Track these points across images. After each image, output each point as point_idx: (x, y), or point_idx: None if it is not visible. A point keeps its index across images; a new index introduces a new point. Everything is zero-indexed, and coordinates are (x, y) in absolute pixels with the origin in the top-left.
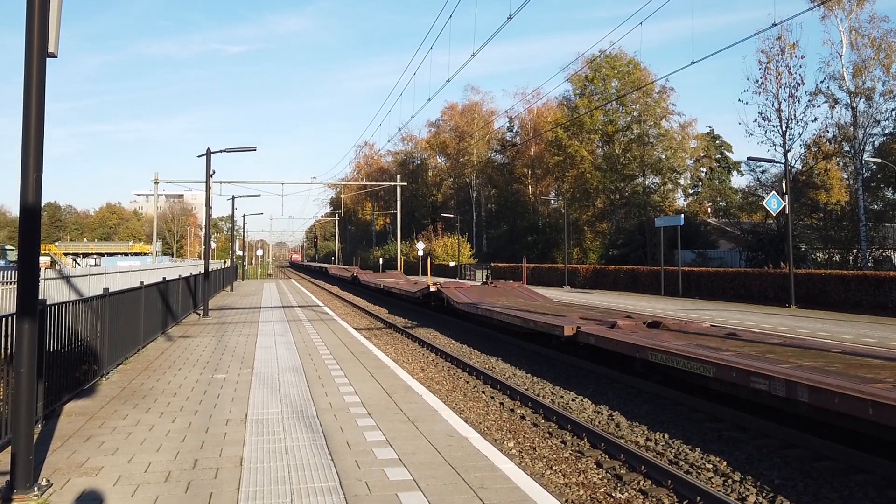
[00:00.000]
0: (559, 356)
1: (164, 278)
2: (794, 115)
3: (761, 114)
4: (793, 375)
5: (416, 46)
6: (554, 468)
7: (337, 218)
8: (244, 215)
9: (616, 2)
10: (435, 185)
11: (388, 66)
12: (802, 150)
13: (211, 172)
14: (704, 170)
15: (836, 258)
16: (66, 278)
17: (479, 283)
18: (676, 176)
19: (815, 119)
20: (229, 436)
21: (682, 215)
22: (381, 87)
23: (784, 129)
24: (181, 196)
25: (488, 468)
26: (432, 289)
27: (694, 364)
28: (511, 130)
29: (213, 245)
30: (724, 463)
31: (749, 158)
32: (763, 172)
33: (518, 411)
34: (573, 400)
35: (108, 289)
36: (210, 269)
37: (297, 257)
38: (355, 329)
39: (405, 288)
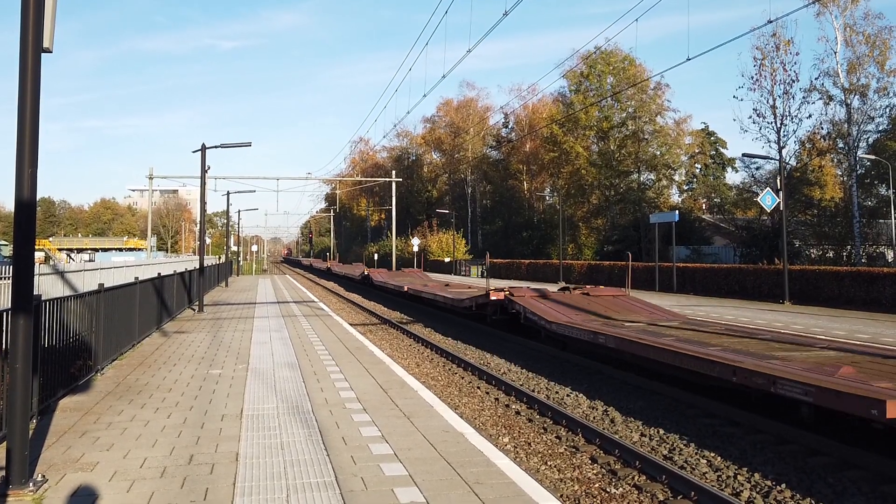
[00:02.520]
0: (554, 352)
1: (158, 274)
2: (789, 112)
3: (756, 110)
4: (605, 331)
5: (412, 42)
6: (549, 463)
7: (332, 213)
8: (239, 211)
9: None
10: (430, 181)
11: (384, 62)
12: (797, 147)
13: (206, 168)
14: (699, 166)
15: (830, 254)
16: (61, 274)
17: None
18: (671, 172)
19: (810, 116)
20: (225, 431)
21: (677, 211)
22: (377, 82)
23: (779, 125)
24: (176, 191)
25: (484, 463)
26: (495, 297)
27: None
28: (506, 126)
29: (208, 241)
30: (719, 458)
31: (744, 155)
32: (757, 169)
33: (513, 407)
34: (568, 395)
35: (102, 284)
36: (205, 265)
37: (287, 253)
38: (350, 324)
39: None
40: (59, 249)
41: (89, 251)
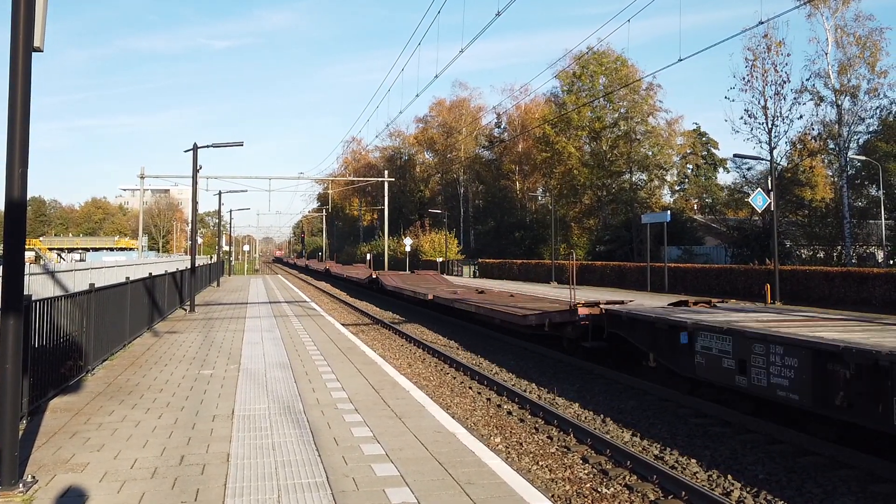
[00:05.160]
0: (546, 352)
1: (150, 274)
2: (780, 113)
3: (747, 111)
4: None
5: (405, 42)
6: (540, 463)
7: (324, 213)
8: (231, 210)
9: None
10: (422, 181)
11: (377, 61)
12: (788, 148)
13: (198, 167)
14: (691, 166)
15: (821, 255)
16: (51, 274)
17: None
18: (663, 172)
19: (801, 116)
20: (216, 432)
21: (669, 212)
22: (370, 82)
23: (770, 126)
24: (167, 191)
25: (475, 464)
26: (585, 311)
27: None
28: (499, 126)
29: (200, 240)
30: (709, 458)
31: (735, 155)
32: (749, 169)
33: (505, 407)
34: (559, 396)
35: (93, 284)
36: (196, 265)
37: (280, 253)
38: (342, 325)
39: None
40: (50, 249)
41: (80, 251)
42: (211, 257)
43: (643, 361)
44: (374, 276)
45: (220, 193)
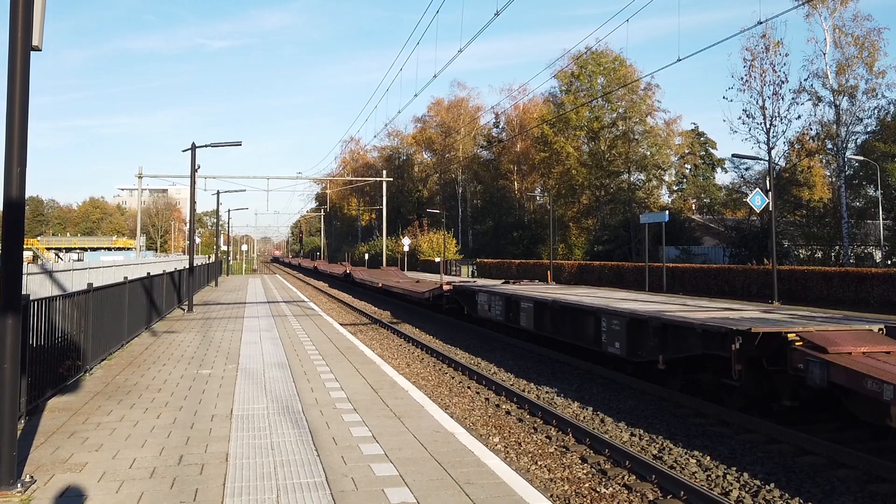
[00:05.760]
0: (545, 352)
1: (148, 273)
2: (778, 113)
3: (746, 111)
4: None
5: (402, 42)
6: (539, 463)
7: (322, 213)
8: (229, 210)
9: None
10: (421, 181)
11: (375, 61)
12: (786, 148)
13: (196, 167)
14: (689, 167)
15: (819, 255)
16: (49, 273)
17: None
18: (661, 173)
19: (799, 117)
20: (215, 431)
21: (667, 212)
22: (368, 82)
23: (768, 126)
24: (165, 191)
25: (474, 463)
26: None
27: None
28: (497, 126)
29: (198, 240)
30: (708, 458)
31: (733, 155)
32: (747, 169)
33: (503, 407)
34: (558, 395)
35: (91, 284)
36: (194, 265)
37: (278, 253)
38: (340, 324)
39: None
40: (48, 249)
41: (78, 251)
42: (209, 257)
43: (463, 311)
44: (347, 272)
45: (218, 193)
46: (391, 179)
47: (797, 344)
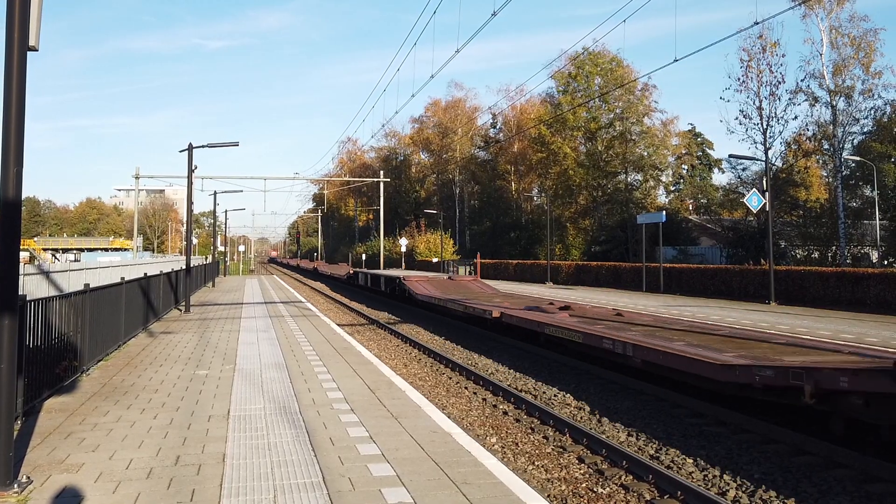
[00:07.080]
0: (543, 352)
1: (145, 274)
2: (775, 113)
3: (742, 111)
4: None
5: (400, 43)
6: (536, 463)
7: (320, 214)
8: (226, 211)
9: (600, 0)
10: (418, 182)
11: (372, 61)
12: (783, 148)
13: (193, 167)
14: (686, 167)
15: (816, 255)
16: (46, 274)
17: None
18: (658, 173)
19: (796, 117)
20: (212, 432)
21: (664, 212)
22: (365, 82)
23: (765, 126)
24: (162, 191)
25: (471, 463)
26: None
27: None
28: (494, 127)
29: (195, 241)
30: (705, 458)
31: (730, 156)
32: (744, 170)
33: (501, 407)
34: (555, 395)
35: (88, 284)
36: (191, 265)
37: (275, 253)
38: (338, 325)
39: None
40: (45, 249)
41: (75, 251)
42: (206, 258)
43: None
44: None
45: (215, 194)
46: (388, 180)
47: None
